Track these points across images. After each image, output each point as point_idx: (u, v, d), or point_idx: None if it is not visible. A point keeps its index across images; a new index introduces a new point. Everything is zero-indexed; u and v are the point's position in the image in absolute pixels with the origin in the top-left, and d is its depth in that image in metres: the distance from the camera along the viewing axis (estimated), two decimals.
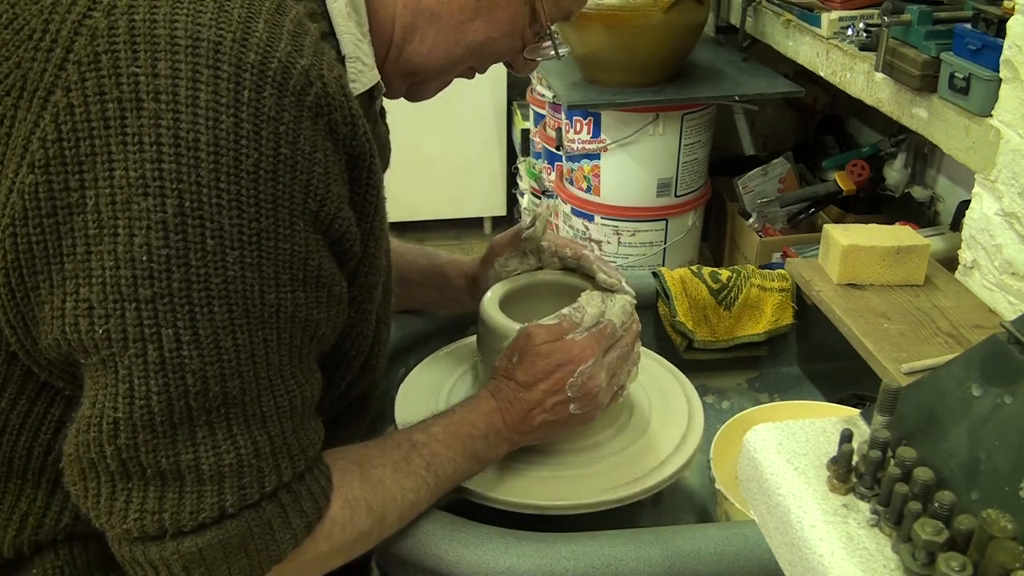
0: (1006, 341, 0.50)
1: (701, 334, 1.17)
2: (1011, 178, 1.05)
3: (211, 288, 0.56)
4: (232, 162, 0.55)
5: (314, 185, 0.59)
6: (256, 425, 0.60)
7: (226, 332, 0.57)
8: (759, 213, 1.96)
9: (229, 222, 0.56)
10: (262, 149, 0.56)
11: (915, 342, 1.03)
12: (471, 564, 0.73)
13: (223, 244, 0.56)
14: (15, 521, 0.67)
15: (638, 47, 1.72)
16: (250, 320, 0.58)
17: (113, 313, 0.55)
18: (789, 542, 0.50)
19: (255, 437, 0.60)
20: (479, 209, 3.20)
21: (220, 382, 0.58)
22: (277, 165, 0.57)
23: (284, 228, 0.58)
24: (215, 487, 0.59)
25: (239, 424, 0.60)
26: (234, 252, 0.57)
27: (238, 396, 0.59)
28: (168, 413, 0.57)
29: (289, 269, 0.59)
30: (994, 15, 1.09)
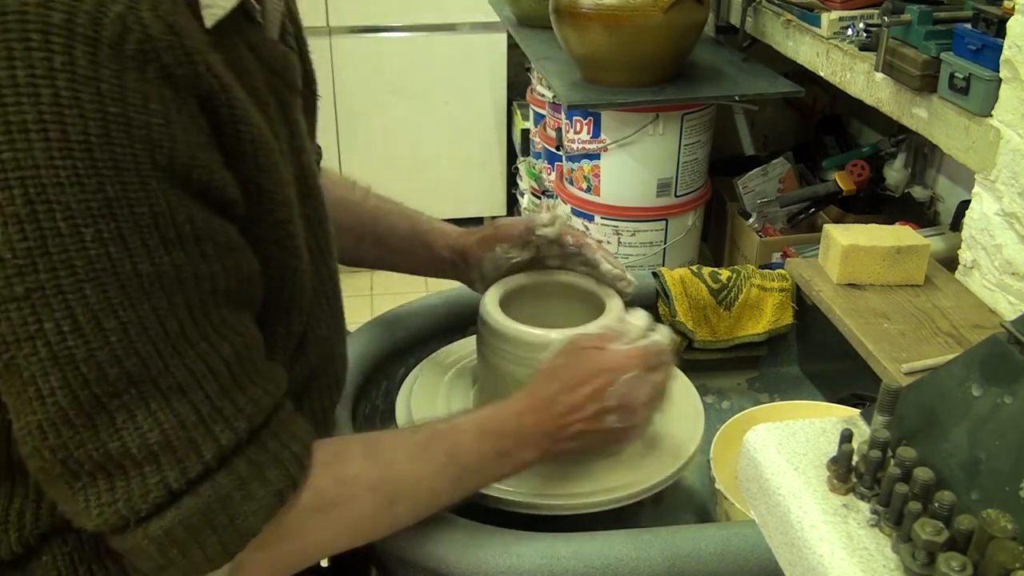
0: (1006, 341, 0.50)
1: (701, 334, 1.17)
2: (1011, 178, 1.05)
3: (77, 272, 0.55)
4: (60, 135, 0.53)
5: (156, 139, 0.56)
6: (175, 396, 0.59)
7: (106, 313, 0.56)
8: (759, 213, 1.96)
9: (75, 199, 0.54)
10: (87, 115, 0.54)
11: (915, 342, 1.03)
12: (471, 564, 0.73)
13: (75, 224, 0.54)
14: (14, 521, 0.67)
15: (638, 47, 1.72)
16: (129, 295, 0.56)
17: (4, 316, 0.55)
18: (789, 542, 0.50)
19: (176, 408, 0.59)
20: (479, 209, 3.20)
21: (116, 364, 0.56)
22: (108, 128, 0.54)
23: (135, 192, 0.56)
24: (153, 467, 0.59)
25: (156, 400, 0.58)
26: (89, 229, 0.54)
27: (143, 373, 0.57)
28: (78, 406, 0.56)
29: (156, 232, 0.57)
30: (994, 15, 1.09)
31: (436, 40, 2.96)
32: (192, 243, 0.59)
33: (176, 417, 0.59)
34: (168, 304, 0.58)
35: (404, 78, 2.93)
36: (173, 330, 0.58)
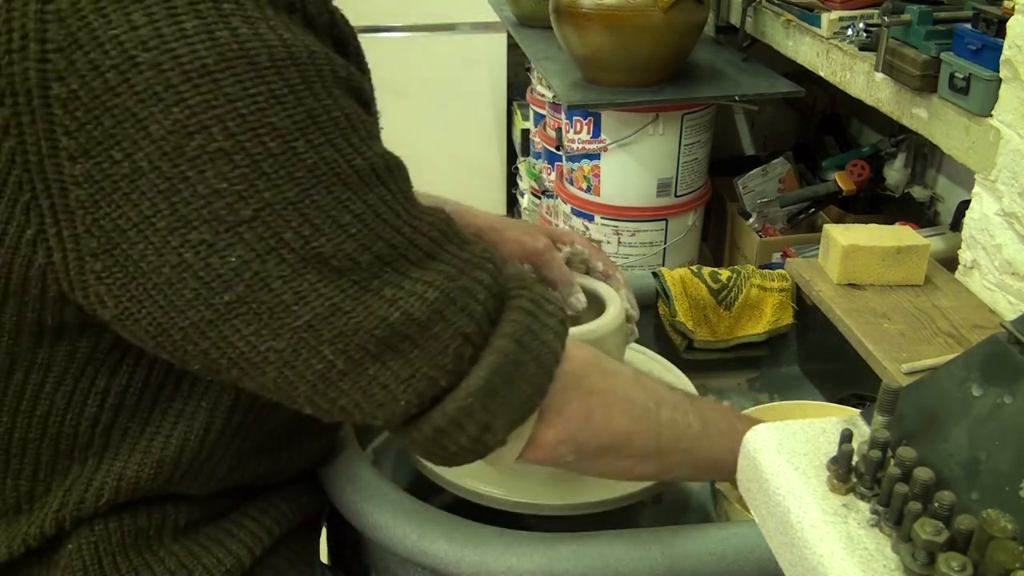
0: (1006, 341, 0.50)
1: (701, 334, 1.17)
2: (1011, 178, 1.05)
3: (301, 181, 0.56)
4: (247, 66, 0.55)
5: (332, 55, 0.59)
6: (428, 261, 0.60)
7: (340, 210, 0.57)
8: (759, 213, 1.96)
9: (277, 118, 0.55)
10: (268, 41, 0.55)
11: (915, 342, 1.03)
12: (471, 564, 0.73)
13: (284, 140, 0.56)
14: (58, 497, 0.67)
15: (638, 47, 1.72)
16: (354, 189, 0.58)
17: (233, 241, 0.55)
18: (789, 542, 0.50)
19: (436, 268, 0.60)
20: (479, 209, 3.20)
21: (365, 251, 0.58)
22: (290, 51, 0.56)
23: (326, 99, 0.58)
24: (441, 324, 0.59)
25: (414, 269, 0.60)
26: (299, 141, 0.56)
27: (391, 252, 0.59)
28: (343, 292, 0.57)
29: (355, 131, 0.59)
30: (994, 15, 1.09)
31: (436, 40, 2.96)
32: (380, 142, 0.61)
33: (441, 274, 0.60)
34: (388, 190, 0.60)
35: (404, 78, 2.93)
36: (401, 210, 0.60)
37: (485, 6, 2.58)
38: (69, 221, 0.56)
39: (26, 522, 0.68)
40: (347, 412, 0.61)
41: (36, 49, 0.54)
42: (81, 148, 0.54)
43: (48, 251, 0.57)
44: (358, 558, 0.87)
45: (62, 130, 0.54)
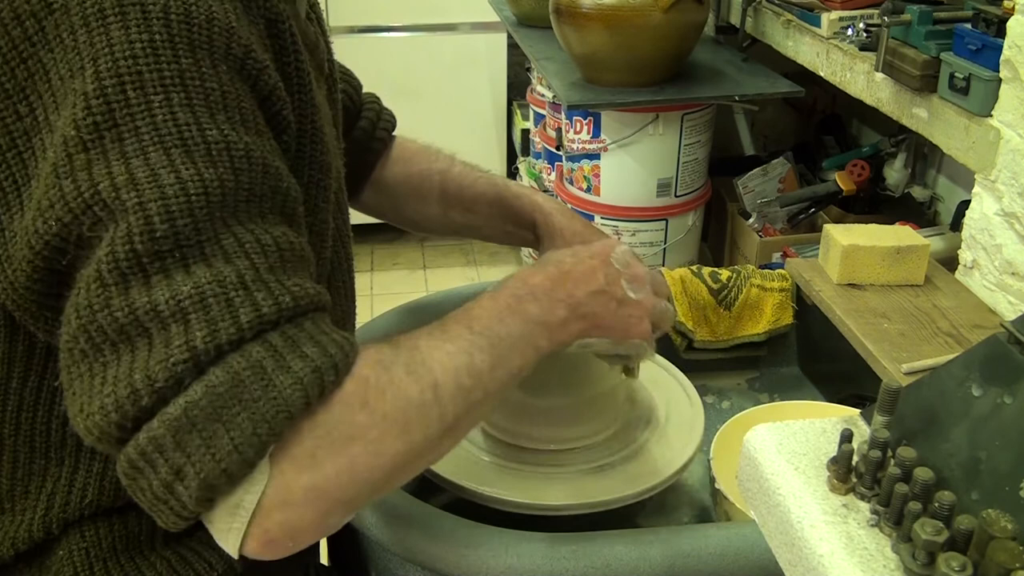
0: (1006, 341, 0.50)
1: (701, 334, 1.17)
2: (1011, 178, 1.05)
3: (143, 136, 0.54)
4: (140, 13, 0.54)
5: (235, 31, 0.57)
6: (218, 260, 0.54)
7: (167, 171, 0.54)
8: (759, 213, 1.96)
9: (147, 68, 0.54)
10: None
11: (915, 342, 1.03)
12: (471, 564, 0.73)
13: (145, 92, 0.54)
14: (42, 501, 0.67)
15: (638, 47, 1.72)
16: (192, 156, 0.54)
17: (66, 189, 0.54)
18: (789, 542, 0.50)
19: (217, 269, 0.54)
20: None
21: (167, 220, 0.53)
22: (188, 9, 0.55)
23: (207, 68, 0.56)
24: (181, 327, 0.52)
25: (198, 263, 0.54)
26: (158, 96, 0.55)
27: (191, 236, 0.54)
28: (114, 263, 0.53)
29: (223, 110, 0.56)
30: (994, 15, 1.09)
31: (436, 40, 2.96)
32: (258, 135, 0.58)
33: (215, 276, 0.54)
34: (235, 178, 0.56)
35: (404, 78, 2.93)
36: (230, 204, 0.55)
37: (485, 6, 2.58)
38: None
39: (10, 524, 0.68)
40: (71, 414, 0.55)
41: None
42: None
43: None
44: (358, 558, 0.87)
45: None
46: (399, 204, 1.05)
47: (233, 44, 0.57)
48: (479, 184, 1.01)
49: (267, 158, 0.58)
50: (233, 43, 0.57)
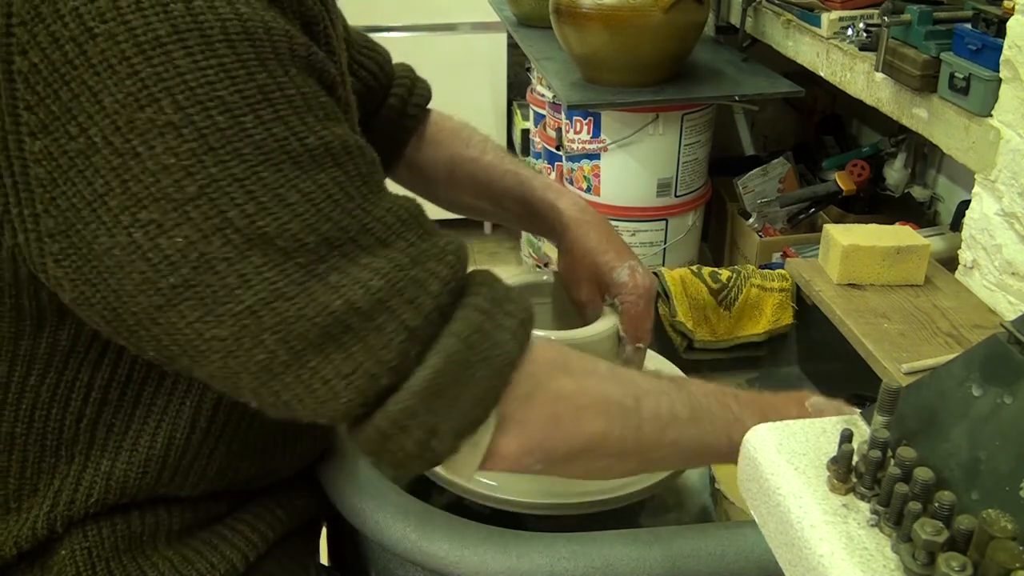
0: (1006, 341, 0.50)
1: (701, 334, 1.17)
2: (1011, 178, 1.05)
3: (247, 158, 0.54)
4: (199, 38, 0.53)
5: (291, 33, 0.57)
6: (379, 248, 0.57)
7: (287, 189, 0.55)
8: (759, 213, 1.96)
9: (227, 92, 0.54)
10: (223, 17, 0.54)
11: (915, 342, 1.03)
12: (471, 564, 0.73)
13: (233, 115, 0.54)
14: (48, 498, 0.67)
15: (638, 47, 1.72)
16: (304, 168, 0.55)
17: (180, 220, 0.54)
18: (789, 542, 0.50)
19: (387, 256, 0.57)
20: None
21: (312, 232, 0.55)
22: (245, 26, 0.55)
23: (280, 76, 0.56)
24: (385, 315, 0.56)
25: (363, 255, 0.56)
26: (248, 117, 0.54)
27: (340, 235, 0.56)
28: (286, 276, 0.55)
29: (310, 111, 0.57)
30: (994, 15, 1.09)
31: (436, 40, 2.96)
32: (342, 124, 0.59)
33: (389, 262, 0.57)
34: (343, 171, 0.57)
35: None
36: (356, 195, 0.57)
37: (485, 6, 2.58)
38: (29, 200, 0.55)
39: (15, 523, 0.68)
40: (291, 408, 0.58)
41: (1, 23, 0.54)
42: (40, 123, 0.54)
43: (13, 231, 0.56)
44: (358, 558, 0.87)
45: (23, 105, 0.54)
46: (432, 187, 1.04)
47: (295, 45, 0.57)
48: (507, 179, 0.98)
49: (358, 140, 0.59)
50: (295, 44, 0.57)
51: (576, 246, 0.91)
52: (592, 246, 0.91)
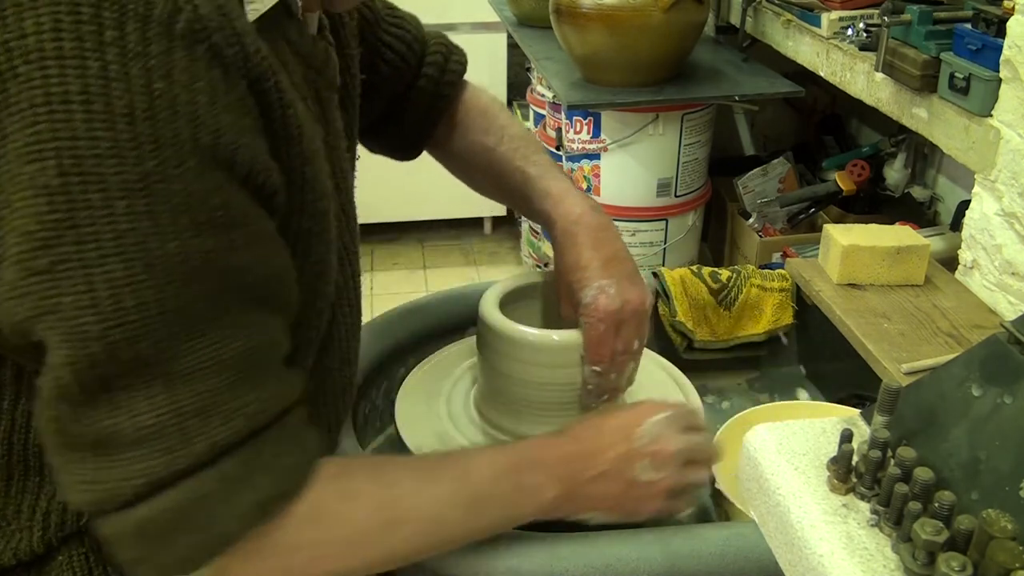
0: (1006, 341, 0.50)
1: (701, 334, 1.17)
2: (1011, 178, 1.05)
3: (104, 246, 0.53)
4: (104, 108, 0.53)
5: (201, 118, 0.55)
6: (179, 383, 0.57)
7: (128, 290, 0.54)
8: (759, 213, 1.96)
9: (111, 171, 0.53)
10: (133, 89, 0.53)
11: (915, 342, 1.03)
12: (471, 564, 0.72)
13: (109, 196, 0.53)
14: (38, 520, 0.67)
15: (638, 47, 1.72)
16: (153, 273, 0.55)
17: (28, 290, 0.54)
18: (789, 542, 0.50)
19: (177, 396, 0.56)
20: (479, 209, 3.20)
21: (129, 345, 0.55)
22: (153, 103, 0.54)
23: (172, 168, 0.54)
24: (141, 452, 0.56)
25: (160, 384, 0.56)
26: (122, 202, 0.53)
27: (154, 356, 0.56)
28: (80, 384, 0.55)
29: (187, 212, 0.55)
30: (994, 15, 1.09)
31: None
32: (224, 230, 0.57)
33: (174, 405, 0.56)
34: (190, 289, 0.56)
35: None
36: (191, 316, 0.57)
37: (485, 6, 2.58)
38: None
39: (9, 538, 0.67)
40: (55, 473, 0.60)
41: None
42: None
43: None
44: None
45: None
46: (457, 172, 1.04)
47: (200, 133, 0.55)
48: (515, 178, 0.94)
49: (232, 254, 0.58)
50: (200, 132, 0.55)
51: (557, 261, 0.89)
52: (569, 262, 0.87)
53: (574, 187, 0.93)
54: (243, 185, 0.59)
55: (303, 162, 0.65)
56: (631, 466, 0.73)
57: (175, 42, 0.55)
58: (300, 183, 0.65)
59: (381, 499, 0.66)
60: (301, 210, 0.66)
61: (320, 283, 0.70)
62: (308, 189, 0.66)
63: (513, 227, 3.14)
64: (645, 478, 0.73)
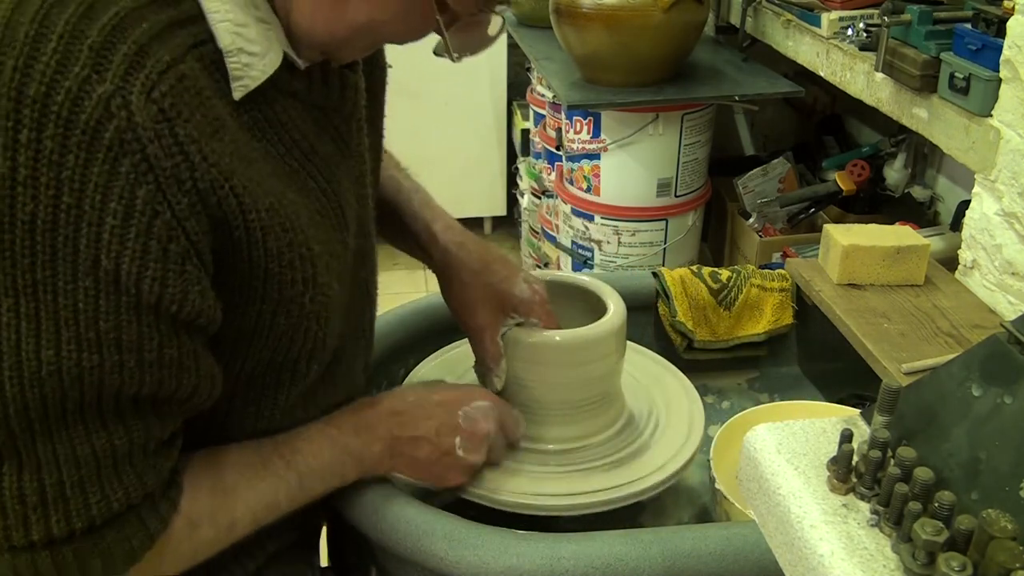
0: (1006, 341, 0.50)
1: (701, 334, 1.17)
2: (1011, 178, 1.05)
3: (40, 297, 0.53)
4: (7, 209, 0.51)
5: (105, 241, 0.53)
6: (28, 470, 0.56)
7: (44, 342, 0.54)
8: (759, 213, 1.96)
9: (2, 271, 0.52)
10: (39, 198, 0.52)
11: (915, 342, 1.03)
12: (471, 564, 0.72)
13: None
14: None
15: (638, 47, 1.72)
16: (23, 376, 0.54)
17: None
18: (789, 542, 0.50)
19: (23, 482, 0.57)
20: (479, 209, 3.20)
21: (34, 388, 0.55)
22: (57, 216, 0.52)
23: (64, 283, 0.53)
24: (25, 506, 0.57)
25: (10, 465, 0.56)
26: (8, 300, 0.53)
27: (7, 442, 0.56)
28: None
29: (72, 327, 0.54)
30: (994, 15, 1.09)
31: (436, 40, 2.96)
32: (112, 351, 0.56)
33: (18, 490, 0.56)
34: (60, 392, 0.55)
35: (404, 78, 2.93)
36: (56, 414, 0.56)
37: None
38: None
39: None
40: None
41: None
42: None
43: None
44: (358, 559, 0.87)
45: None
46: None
47: (102, 256, 0.54)
48: (387, 185, 0.94)
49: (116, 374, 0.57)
50: (102, 254, 0.54)
51: (464, 271, 0.89)
52: (481, 267, 0.89)
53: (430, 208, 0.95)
54: (153, 312, 0.57)
55: (268, 260, 0.63)
56: (450, 437, 0.78)
57: (97, 154, 0.52)
58: (263, 278, 0.63)
59: (219, 513, 0.67)
60: (263, 298, 0.64)
61: (293, 346, 0.69)
62: (273, 282, 0.64)
63: (513, 227, 3.14)
64: (460, 452, 0.79)
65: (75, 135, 0.51)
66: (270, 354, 0.68)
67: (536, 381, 0.88)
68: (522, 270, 0.90)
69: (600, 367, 0.88)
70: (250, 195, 0.60)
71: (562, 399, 0.88)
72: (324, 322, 0.70)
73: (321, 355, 0.71)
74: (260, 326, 0.66)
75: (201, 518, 0.66)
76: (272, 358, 0.68)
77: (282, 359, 0.69)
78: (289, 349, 0.68)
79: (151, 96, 0.53)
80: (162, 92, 0.54)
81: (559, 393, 0.88)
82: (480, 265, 0.89)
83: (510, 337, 0.87)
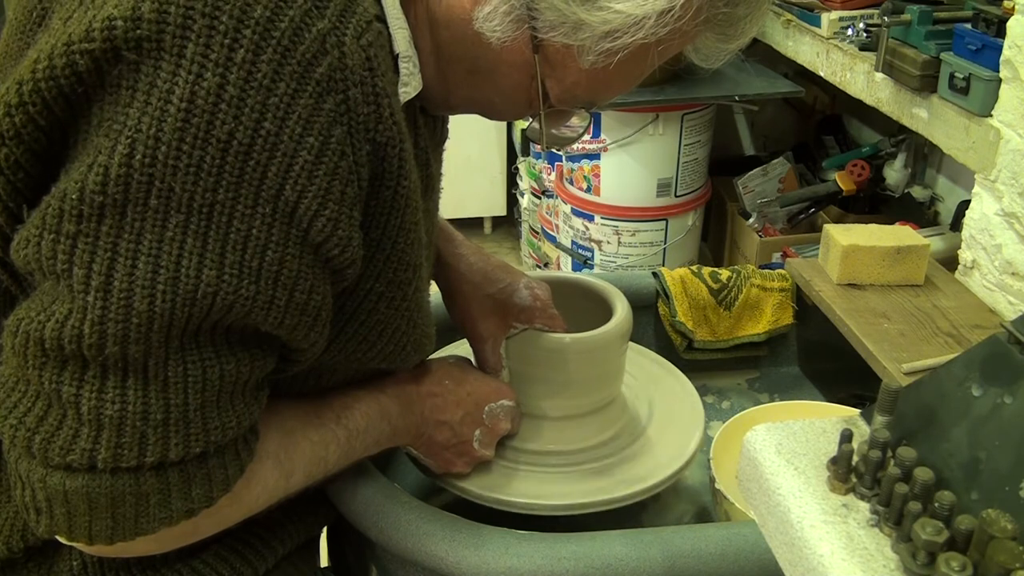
0: (1006, 341, 0.50)
1: (701, 334, 1.17)
2: (1011, 178, 1.05)
3: (142, 246, 0.51)
4: (204, 125, 0.50)
5: (295, 173, 0.53)
6: (155, 388, 0.54)
7: (144, 295, 0.52)
8: (759, 213, 1.96)
9: (181, 187, 0.51)
10: (241, 119, 0.51)
11: (915, 342, 1.03)
12: (471, 564, 0.72)
13: (167, 207, 0.51)
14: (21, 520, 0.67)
15: None
16: (176, 293, 0.52)
17: (41, 238, 0.52)
18: (789, 542, 0.50)
19: (148, 400, 0.54)
20: (479, 209, 3.20)
21: (120, 343, 0.52)
22: (255, 140, 0.51)
23: (244, 208, 0.52)
24: (91, 433, 0.54)
25: (136, 380, 0.54)
26: (179, 216, 0.51)
27: (140, 359, 0.53)
28: (59, 347, 0.53)
29: (239, 252, 0.53)
30: (994, 15, 1.10)
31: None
32: (268, 285, 0.55)
33: (144, 406, 0.54)
34: (205, 316, 0.54)
35: None
36: (192, 334, 0.55)
37: None
38: None
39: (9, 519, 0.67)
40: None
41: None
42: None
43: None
44: (358, 559, 0.87)
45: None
46: None
47: (287, 186, 0.53)
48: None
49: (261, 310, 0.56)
50: (287, 184, 0.53)
51: (464, 283, 0.89)
52: (481, 279, 0.89)
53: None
54: (314, 252, 0.57)
55: (398, 233, 0.63)
56: (470, 428, 0.81)
57: (306, 86, 0.52)
58: (388, 252, 0.64)
59: (282, 456, 0.67)
60: (378, 276, 0.64)
61: (374, 337, 0.69)
62: (394, 259, 0.64)
63: (513, 227, 3.14)
64: (475, 445, 0.82)
65: (290, 64, 0.52)
66: (354, 346, 0.68)
67: (541, 382, 0.88)
68: (524, 275, 0.91)
69: (605, 369, 0.88)
70: (408, 164, 0.61)
71: (565, 400, 0.88)
72: (410, 325, 0.70)
73: (392, 362, 0.72)
74: (360, 310, 0.66)
75: (268, 455, 0.65)
76: (354, 351, 0.68)
77: (361, 356, 0.69)
78: (371, 348, 0.69)
79: (360, 42, 0.55)
80: (368, 41, 0.55)
81: (562, 394, 0.88)
82: (480, 277, 0.90)
83: (518, 338, 0.87)
